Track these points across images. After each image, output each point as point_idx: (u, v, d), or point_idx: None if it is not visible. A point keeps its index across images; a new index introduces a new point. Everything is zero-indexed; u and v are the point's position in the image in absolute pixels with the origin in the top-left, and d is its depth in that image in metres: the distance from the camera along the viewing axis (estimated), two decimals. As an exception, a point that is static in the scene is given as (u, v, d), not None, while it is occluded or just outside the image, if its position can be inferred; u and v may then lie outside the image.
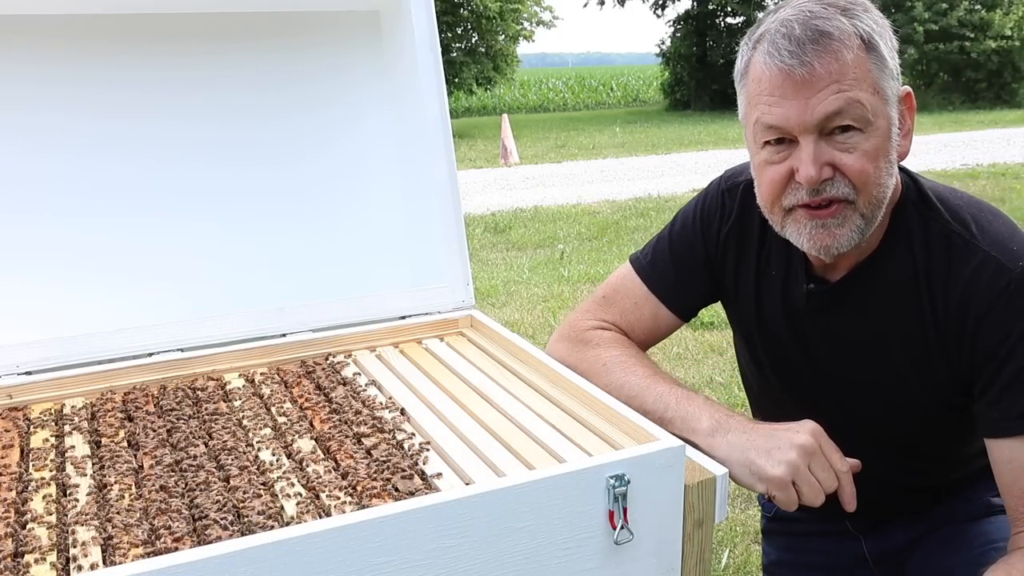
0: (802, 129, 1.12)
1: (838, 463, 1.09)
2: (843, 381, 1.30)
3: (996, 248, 1.18)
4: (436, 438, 1.14)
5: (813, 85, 1.09)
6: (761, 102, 1.14)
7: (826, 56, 1.09)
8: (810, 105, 1.10)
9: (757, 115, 1.15)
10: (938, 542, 1.44)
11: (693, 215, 1.42)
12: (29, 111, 1.42)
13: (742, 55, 1.20)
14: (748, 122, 1.19)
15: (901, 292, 1.23)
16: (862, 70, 1.11)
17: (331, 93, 1.62)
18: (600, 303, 1.46)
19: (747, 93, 1.18)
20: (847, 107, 1.10)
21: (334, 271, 1.60)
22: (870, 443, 1.17)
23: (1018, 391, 1.16)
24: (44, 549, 0.92)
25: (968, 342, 1.19)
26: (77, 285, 1.45)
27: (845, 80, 1.09)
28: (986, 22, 20.36)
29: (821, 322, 1.30)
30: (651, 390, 1.23)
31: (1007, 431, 1.17)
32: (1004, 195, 8.01)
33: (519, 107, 27.23)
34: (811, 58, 1.09)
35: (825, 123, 1.11)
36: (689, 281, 1.42)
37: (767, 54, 1.12)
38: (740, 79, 1.20)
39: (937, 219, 1.22)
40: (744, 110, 1.20)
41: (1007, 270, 1.16)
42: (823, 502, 1.09)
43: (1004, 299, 1.15)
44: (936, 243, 1.21)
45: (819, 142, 1.12)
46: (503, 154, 12.85)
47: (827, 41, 1.09)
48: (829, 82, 1.09)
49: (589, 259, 6.32)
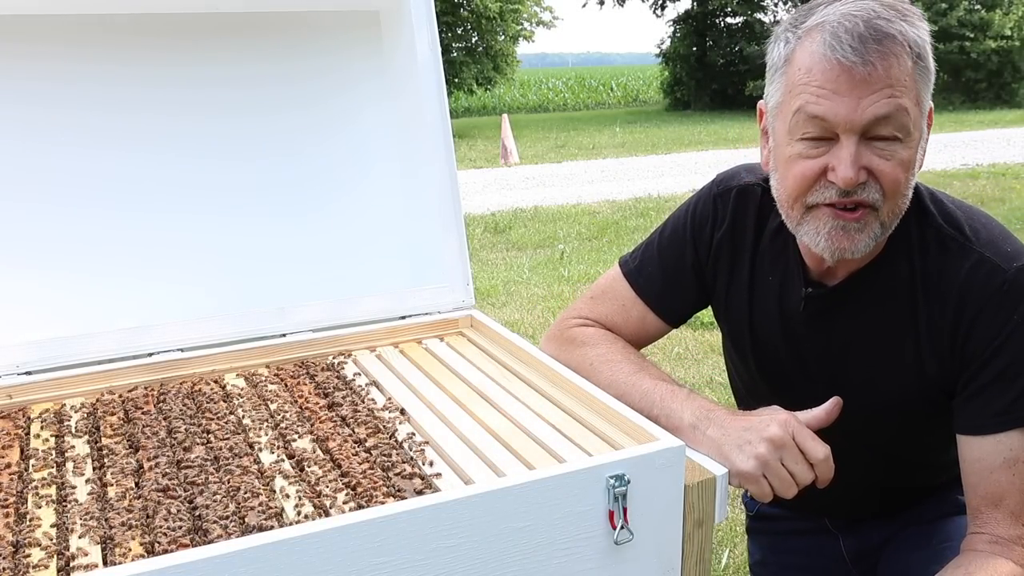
0: (848, 128, 1.10)
1: (813, 451, 1.08)
2: (833, 384, 1.31)
3: (990, 249, 1.18)
4: (436, 438, 1.14)
5: (869, 85, 1.08)
6: (808, 92, 1.11)
7: (887, 59, 1.07)
8: (861, 105, 1.08)
9: (800, 103, 1.12)
10: (903, 540, 1.45)
11: (684, 220, 1.41)
12: (28, 108, 1.42)
13: (783, 42, 1.17)
14: (785, 110, 1.16)
15: (897, 296, 1.24)
16: (911, 79, 1.10)
17: (331, 93, 1.62)
18: (589, 303, 1.47)
19: (788, 81, 1.15)
20: (895, 113, 1.09)
21: (334, 271, 1.60)
22: (854, 444, 1.17)
23: (998, 389, 1.16)
24: (44, 549, 0.92)
25: (961, 342, 1.19)
26: (77, 285, 1.45)
27: (898, 86, 1.08)
28: (986, 22, 20.37)
29: (817, 326, 1.30)
30: (637, 388, 1.23)
31: (980, 429, 1.17)
32: (1004, 195, 8.01)
33: (519, 107, 27.23)
34: (873, 58, 1.07)
35: (871, 126, 1.10)
36: (677, 288, 1.42)
37: (827, 46, 1.09)
38: (779, 66, 1.17)
39: (931, 223, 1.23)
40: (780, 97, 1.17)
41: (1001, 270, 1.16)
42: (795, 494, 1.09)
43: (997, 298, 1.16)
44: (931, 247, 1.22)
45: (860, 143, 1.11)
46: (503, 154, 12.85)
47: (890, 44, 1.08)
48: (883, 85, 1.08)
49: (589, 259, 6.32)
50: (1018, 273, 1.16)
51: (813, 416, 1.13)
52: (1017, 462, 1.15)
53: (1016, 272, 1.16)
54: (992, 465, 1.16)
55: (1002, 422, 1.16)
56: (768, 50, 1.21)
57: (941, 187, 2.31)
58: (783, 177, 1.19)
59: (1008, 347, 1.16)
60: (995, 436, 1.16)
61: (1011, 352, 1.16)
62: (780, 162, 1.19)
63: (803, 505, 1.12)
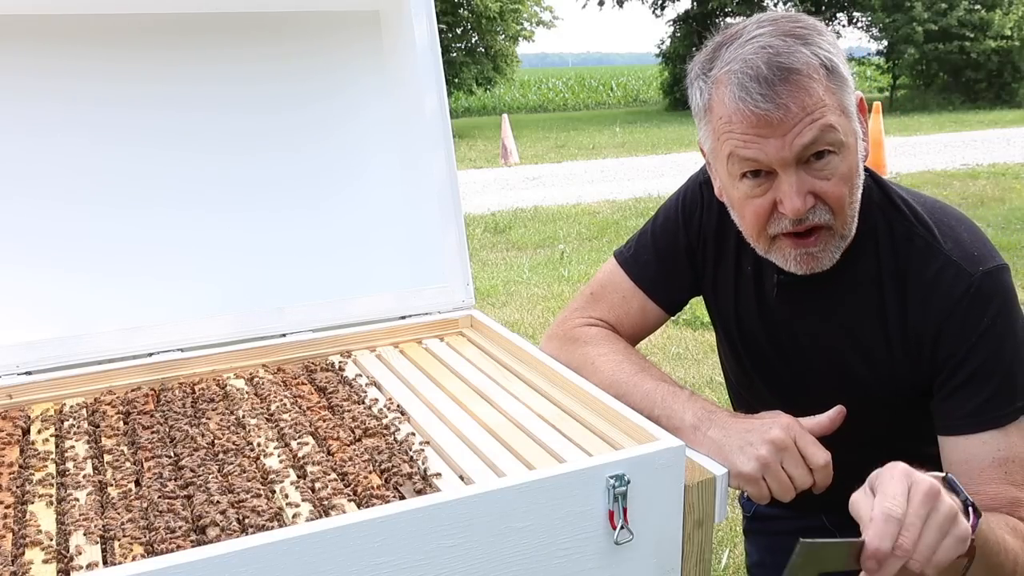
0: (781, 163, 1.13)
1: (814, 457, 1.09)
2: (813, 375, 1.33)
3: (957, 252, 1.20)
4: (436, 438, 1.14)
5: (786, 123, 1.10)
6: (733, 138, 1.14)
7: (798, 94, 1.09)
8: (787, 141, 1.11)
9: (730, 149, 1.15)
10: None
11: (675, 208, 1.43)
12: (27, 107, 1.42)
13: (698, 91, 1.19)
14: (719, 155, 1.19)
15: (866, 290, 1.26)
16: (829, 96, 1.12)
17: (331, 93, 1.62)
18: (588, 300, 1.47)
19: (713, 129, 1.18)
20: (821, 134, 1.11)
21: (334, 271, 1.60)
22: (844, 438, 1.18)
23: (971, 390, 1.18)
24: (44, 549, 0.92)
25: (929, 344, 1.21)
26: (77, 285, 1.45)
27: (816, 111, 1.10)
28: (986, 22, 20.37)
29: (790, 314, 1.32)
30: (639, 388, 1.24)
31: (957, 429, 1.19)
32: (1004, 195, 8.01)
33: (519, 107, 27.24)
34: (785, 99, 1.09)
35: (803, 153, 1.12)
36: (673, 273, 1.43)
37: (737, 98, 1.11)
38: (701, 114, 1.20)
39: (902, 221, 1.25)
40: (712, 144, 1.20)
41: (967, 274, 1.18)
42: (793, 498, 1.09)
43: (965, 303, 1.18)
44: (900, 244, 1.24)
45: (799, 171, 1.13)
46: (503, 154, 12.86)
47: (796, 78, 1.09)
48: (802, 116, 1.10)
49: (589, 259, 6.33)
50: (984, 277, 1.18)
51: (816, 423, 1.13)
52: (1008, 461, 1.16)
53: (982, 276, 1.18)
54: (981, 465, 1.16)
55: (983, 420, 1.17)
56: (688, 94, 1.23)
57: (941, 187, 2.30)
58: (741, 216, 1.23)
59: (980, 348, 1.17)
60: (979, 436, 1.17)
61: (983, 353, 1.17)
62: (733, 202, 1.23)
63: (801, 504, 1.12)
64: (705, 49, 1.21)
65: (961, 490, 1.00)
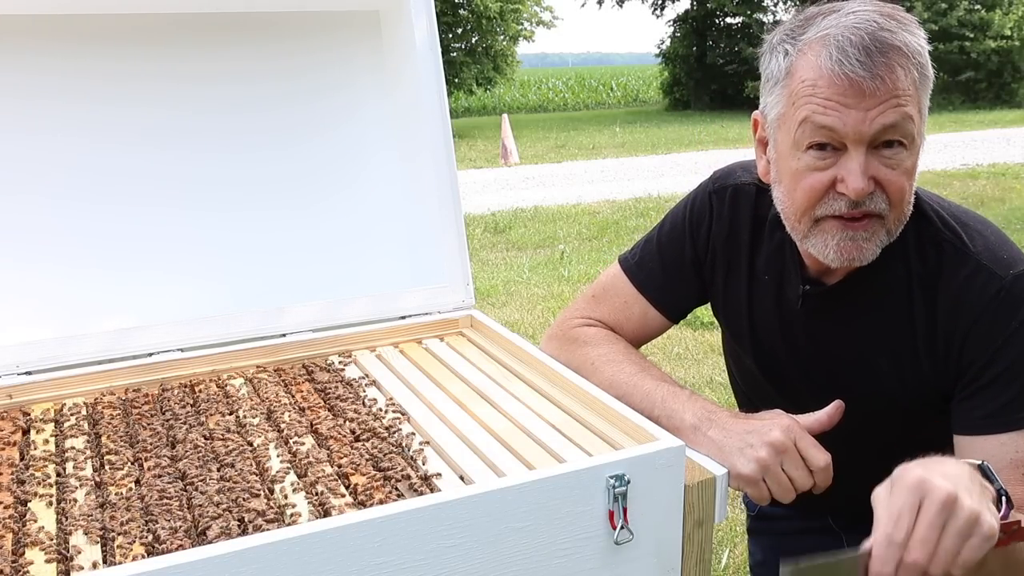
0: (856, 138, 1.11)
1: (814, 458, 1.08)
2: (832, 383, 1.31)
3: (987, 256, 1.19)
4: (436, 438, 1.14)
5: (877, 97, 1.09)
6: (814, 102, 1.12)
7: (894, 71, 1.08)
8: (869, 116, 1.09)
9: (807, 114, 1.12)
10: None
11: (682, 217, 1.42)
12: (26, 106, 1.42)
13: (781, 53, 1.17)
14: (788, 120, 1.16)
15: (894, 297, 1.24)
16: (915, 88, 1.11)
17: (331, 93, 1.62)
18: (590, 302, 1.47)
19: (790, 92, 1.15)
20: (901, 122, 1.10)
21: (334, 271, 1.60)
22: (856, 442, 1.17)
23: (994, 392, 1.17)
24: (44, 549, 0.92)
25: (956, 348, 1.20)
26: (77, 284, 1.45)
27: (903, 96, 1.09)
28: (986, 22, 20.36)
29: (814, 323, 1.30)
30: (639, 388, 1.23)
31: (975, 429, 1.18)
32: (1004, 195, 8.01)
33: (519, 107, 27.23)
34: (881, 71, 1.08)
35: (879, 135, 1.11)
36: (678, 283, 1.42)
37: (834, 59, 1.09)
38: (779, 78, 1.17)
39: (929, 227, 1.24)
40: (782, 108, 1.17)
41: (998, 278, 1.17)
42: (793, 499, 1.09)
43: (994, 306, 1.17)
44: (928, 250, 1.23)
45: (868, 154, 1.12)
46: (503, 154, 12.86)
47: (895, 56, 1.09)
48: (890, 96, 1.09)
49: (589, 259, 6.33)
50: (1015, 280, 1.17)
51: (815, 420, 1.13)
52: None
53: (1013, 279, 1.17)
54: (998, 467, 1.15)
55: (1003, 422, 1.16)
56: (763, 61, 1.21)
57: (941, 187, 2.29)
58: (790, 190, 1.19)
59: (1007, 350, 1.16)
60: (997, 437, 1.16)
61: (1010, 355, 1.16)
62: (785, 175, 1.19)
63: (806, 505, 1.12)
64: (792, 19, 1.19)
65: (995, 478, 1.00)
